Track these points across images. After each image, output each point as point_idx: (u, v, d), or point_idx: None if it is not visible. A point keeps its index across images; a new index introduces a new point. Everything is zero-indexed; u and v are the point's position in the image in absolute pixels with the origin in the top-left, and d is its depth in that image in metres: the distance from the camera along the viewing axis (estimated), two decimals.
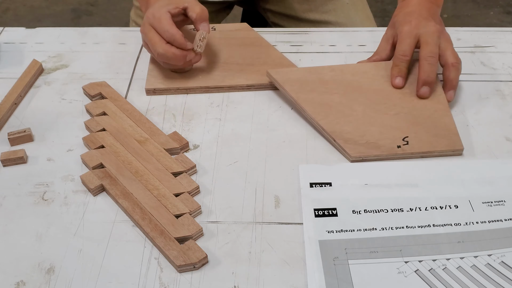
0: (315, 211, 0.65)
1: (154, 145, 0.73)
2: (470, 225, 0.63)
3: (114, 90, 0.82)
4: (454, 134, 0.72)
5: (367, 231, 0.63)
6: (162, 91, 0.82)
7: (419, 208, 0.65)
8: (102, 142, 0.74)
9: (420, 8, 0.81)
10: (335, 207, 0.65)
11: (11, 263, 0.62)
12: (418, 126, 0.73)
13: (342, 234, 0.62)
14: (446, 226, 0.63)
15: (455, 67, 0.76)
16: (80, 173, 0.71)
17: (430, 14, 0.81)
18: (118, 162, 0.71)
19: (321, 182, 0.68)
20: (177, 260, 0.60)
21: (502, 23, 2.23)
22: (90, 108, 0.79)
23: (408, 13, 0.81)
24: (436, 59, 0.76)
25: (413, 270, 0.59)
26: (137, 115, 0.78)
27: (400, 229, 0.63)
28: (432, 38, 0.77)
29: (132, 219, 0.65)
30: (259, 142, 0.75)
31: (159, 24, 0.77)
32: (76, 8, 2.37)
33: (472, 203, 0.65)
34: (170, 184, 0.68)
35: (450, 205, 0.65)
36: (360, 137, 0.72)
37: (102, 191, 0.69)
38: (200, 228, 0.63)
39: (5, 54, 0.91)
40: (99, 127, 0.76)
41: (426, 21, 0.79)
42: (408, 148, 0.71)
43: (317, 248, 0.61)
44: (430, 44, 0.76)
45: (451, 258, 0.60)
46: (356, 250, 0.61)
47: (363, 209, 0.65)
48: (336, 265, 0.59)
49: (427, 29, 0.78)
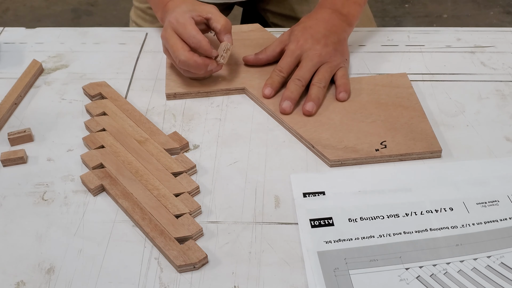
0: (311, 222, 0.64)
1: (154, 145, 0.73)
2: (467, 227, 0.63)
3: (114, 90, 0.82)
4: (432, 137, 0.73)
5: (365, 239, 0.62)
6: (182, 95, 0.82)
7: (414, 212, 0.65)
8: (102, 142, 0.74)
9: (322, 24, 0.82)
10: (330, 217, 0.65)
11: (11, 263, 0.62)
12: (395, 131, 0.74)
13: (340, 244, 0.62)
14: (443, 230, 0.63)
15: (315, 85, 0.78)
16: (80, 173, 0.71)
17: (328, 33, 0.82)
18: (118, 162, 0.71)
19: (314, 191, 0.68)
20: (177, 260, 0.60)
21: (502, 23, 2.23)
22: (90, 108, 0.79)
23: (305, 27, 0.82)
24: (302, 83, 0.78)
25: (414, 276, 0.58)
26: (137, 115, 0.78)
27: (398, 235, 0.62)
28: (307, 62, 0.79)
29: (132, 219, 0.65)
30: (259, 142, 0.75)
31: (184, 29, 0.76)
32: (76, 8, 2.37)
33: (467, 205, 0.65)
34: (170, 184, 0.68)
35: (445, 207, 0.65)
36: (338, 142, 0.73)
37: (102, 191, 0.69)
38: (200, 228, 0.63)
39: (5, 54, 0.91)
40: (99, 127, 0.76)
41: (313, 43, 0.80)
42: (386, 151, 0.71)
43: (317, 260, 0.60)
44: (303, 68, 0.79)
45: (451, 262, 0.60)
46: (356, 260, 0.60)
47: (359, 216, 0.65)
48: (337, 276, 0.59)
49: (308, 53, 0.80)
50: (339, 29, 0.83)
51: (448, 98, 0.81)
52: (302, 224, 0.64)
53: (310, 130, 0.75)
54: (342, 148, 0.72)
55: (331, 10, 0.85)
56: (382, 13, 2.31)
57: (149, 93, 0.83)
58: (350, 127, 0.75)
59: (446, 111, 0.79)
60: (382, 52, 0.89)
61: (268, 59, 0.84)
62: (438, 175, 0.69)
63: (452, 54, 0.89)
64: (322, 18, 0.83)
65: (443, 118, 0.78)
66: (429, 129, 0.74)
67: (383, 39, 0.92)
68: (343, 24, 0.84)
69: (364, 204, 0.66)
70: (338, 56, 0.81)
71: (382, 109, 0.77)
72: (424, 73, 0.85)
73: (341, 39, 0.83)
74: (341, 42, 0.83)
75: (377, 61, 0.87)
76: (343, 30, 0.84)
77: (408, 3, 2.38)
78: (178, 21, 0.77)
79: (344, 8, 0.85)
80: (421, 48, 0.90)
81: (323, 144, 0.72)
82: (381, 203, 0.66)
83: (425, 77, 0.84)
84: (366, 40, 0.92)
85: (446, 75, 0.85)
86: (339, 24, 0.84)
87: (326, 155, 0.71)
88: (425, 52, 0.89)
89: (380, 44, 0.91)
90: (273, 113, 0.78)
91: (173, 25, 0.77)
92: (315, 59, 0.79)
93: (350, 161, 0.71)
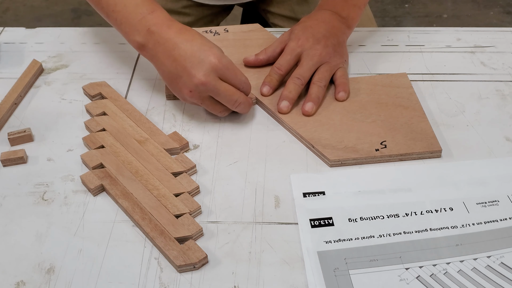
0: (311, 222, 0.64)
1: (154, 145, 0.73)
2: (467, 227, 0.63)
3: (114, 90, 0.82)
4: (432, 137, 0.73)
5: (365, 239, 0.62)
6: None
7: (414, 212, 0.65)
8: (102, 142, 0.74)
9: (323, 25, 0.82)
10: (330, 216, 0.65)
11: (11, 263, 0.62)
12: (395, 131, 0.74)
13: (340, 244, 0.62)
14: (443, 230, 0.63)
15: (315, 84, 0.78)
16: (80, 173, 0.71)
17: (328, 34, 0.81)
18: (118, 162, 0.71)
19: (314, 191, 0.68)
20: (177, 260, 0.60)
21: (502, 23, 2.23)
22: (90, 108, 0.79)
23: (306, 27, 0.82)
24: (301, 81, 0.78)
25: (414, 276, 0.58)
26: (137, 115, 0.78)
27: (398, 235, 0.62)
28: (307, 61, 0.79)
29: (132, 219, 0.65)
30: (259, 142, 0.75)
31: (235, 75, 0.73)
32: (76, 8, 2.37)
33: (467, 205, 0.65)
34: (170, 184, 0.68)
35: (445, 207, 0.65)
36: (338, 142, 0.73)
37: (102, 191, 0.69)
38: (200, 228, 0.63)
39: (5, 54, 0.91)
40: (99, 127, 0.76)
41: (313, 42, 0.80)
42: (386, 151, 0.71)
43: (317, 260, 0.60)
44: (303, 67, 0.79)
45: (451, 262, 0.60)
46: (356, 260, 0.60)
47: (359, 216, 0.65)
48: (337, 276, 0.59)
49: (308, 52, 0.80)
50: (339, 31, 0.83)
51: (448, 98, 0.81)
52: (302, 224, 0.64)
53: (310, 130, 0.75)
54: (342, 148, 0.72)
55: (331, 12, 0.85)
56: (382, 13, 2.32)
57: (149, 93, 0.83)
58: (350, 127, 0.75)
59: (446, 111, 0.79)
60: (382, 52, 0.89)
61: (268, 60, 0.84)
62: (438, 175, 0.69)
63: (452, 54, 0.89)
64: (323, 19, 0.83)
65: (443, 118, 0.78)
66: (429, 129, 0.74)
67: (383, 39, 0.92)
68: (343, 26, 0.84)
69: (364, 204, 0.66)
70: (338, 57, 0.81)
71: (382, 109, 0.77)
72: (424, 73, 0.85)
73: (340, 41, 0.83)
74: (340, 44, 0.83)
75: (377, 61, 0.87)
76: (342, 32, 0.84)
77: (408, 3, 2.38)
78: (225, 66, 0.71)
79: (344, 10, 0.85)
80: (421, 48, 0.90)
81: (323, 144, 0.72)
82: (381, 203, 0.66)
83: (425, 77, 0.84)
84: (366, 40, 0.92)
85: (446, 75, 0.85)
86: (339, 26, 0.84)
87: (326, 155, 0.71)
88: (425, 52, 0.89)
89: (380, 44, 0.91)
90: (273, 113, 0.78)
91: (220, 71, 0.71)
92: (315, 59, 0.79)
93: (350, 161, 0.71)
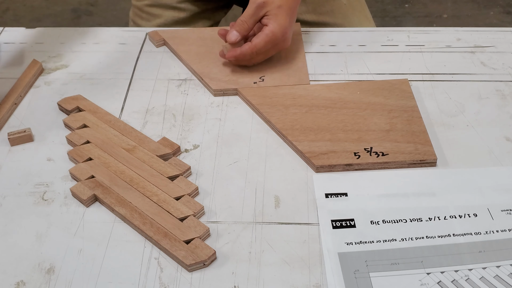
0: (332, 223, 0.64)
1: (144, 151, 0.72)
2: (491, 234, 0.62)
3: (92, 103, 0.80)
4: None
5: (386, 242, 0.62)
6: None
7: (437, 217, 0.64)
8: (89, 155, 0.72)
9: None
10: (352, 218, 0.64)
11: (11, 263, 0.62)
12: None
13: (361, 246, 0.61)
14: (466, 236, 0.62)
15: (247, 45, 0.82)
16: None
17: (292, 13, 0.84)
18: (110, 173, 0.69)
19: (336, 192, 0.67)
20: (186, 260, 0.60)
21: (502, 23, 2.23)
22: (69, 122, 0.77)
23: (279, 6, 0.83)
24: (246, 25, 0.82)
25: (435, 281, 0.58)
26: (121, 125, 0.76)
27: (420, 240, 0.62)
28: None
29: (132, 225, 0.65)
30: (259, 142, 0.75)
31: None
32: (76, 8, 2.37)
33: (491, 211, 0.65)
34: (168, 188, 0.68)
35: (469, 213, 0.64)
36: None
37: (95, 201, 0.68)
38: (207, 228, 0.63)
39: (5, 54, 0.91)
40: (83, 140, 0.74)
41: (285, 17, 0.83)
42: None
43: (337, 261, 0.60)
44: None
45: (474, 269, 0.59)
46: (377, 262, 0.60)
47: (381, 219, 0.64)
48: (357, 278, 0.58)
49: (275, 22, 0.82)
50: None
51: (448, 98, 0.81)
52: (323, 224, 0.64)
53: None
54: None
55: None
56: (382, 13, 2.31)
57: (149, 93, 0.83)
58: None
59: (446, 111, 0.79)
60: (382, 52, 0.89)
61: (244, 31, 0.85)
62: (462, 180, 0.68)
63: (452, 54, 0.89)
64: None
65: (443, 118, 0.78)
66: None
67: (383, 39, 0.92)
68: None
69: (387, 207, 0.66)
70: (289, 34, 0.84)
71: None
72: (424, 73, 0.85)
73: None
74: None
75: (377, 61, 0.87)
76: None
77: (408, 3, 2.38)
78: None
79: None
80: (421, 48, 0.90)
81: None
82: (404, 206, 0.65)
83: (425, 77, 0.84)
84: (366, 40, 0.92)
85: (446, 75, 0.85)
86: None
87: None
88: (425, 52, 0.89)
89: (380, 44, 0.91)
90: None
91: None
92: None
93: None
